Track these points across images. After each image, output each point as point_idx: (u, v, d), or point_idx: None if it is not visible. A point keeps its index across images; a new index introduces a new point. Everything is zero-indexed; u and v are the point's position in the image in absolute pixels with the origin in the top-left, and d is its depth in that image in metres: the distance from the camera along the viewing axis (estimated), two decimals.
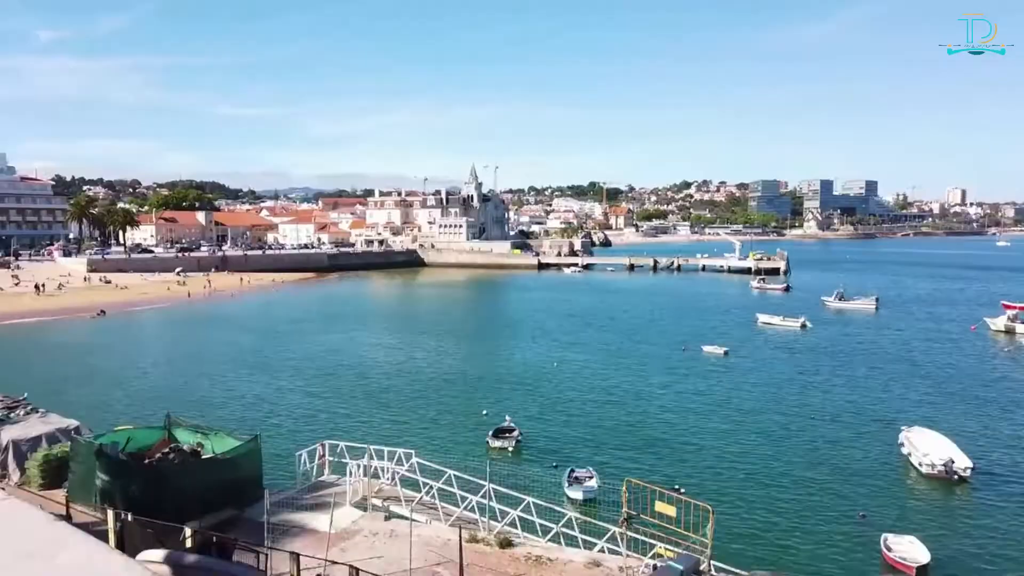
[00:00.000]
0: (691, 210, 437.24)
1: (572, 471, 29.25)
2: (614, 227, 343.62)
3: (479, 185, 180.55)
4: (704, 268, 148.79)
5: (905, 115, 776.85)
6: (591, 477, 28.59)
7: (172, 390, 44.80)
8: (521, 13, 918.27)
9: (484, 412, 39.91)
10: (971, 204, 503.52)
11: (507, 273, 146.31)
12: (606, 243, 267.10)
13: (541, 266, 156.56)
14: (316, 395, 44.25)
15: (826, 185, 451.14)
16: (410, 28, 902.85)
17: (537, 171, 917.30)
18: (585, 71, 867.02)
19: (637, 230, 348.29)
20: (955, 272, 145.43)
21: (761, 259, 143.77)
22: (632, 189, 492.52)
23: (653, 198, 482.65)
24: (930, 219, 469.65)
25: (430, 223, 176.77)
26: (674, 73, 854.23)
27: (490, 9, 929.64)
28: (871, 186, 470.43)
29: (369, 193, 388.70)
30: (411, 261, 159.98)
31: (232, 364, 53.75)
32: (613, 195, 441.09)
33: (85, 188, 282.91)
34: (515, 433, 34.86)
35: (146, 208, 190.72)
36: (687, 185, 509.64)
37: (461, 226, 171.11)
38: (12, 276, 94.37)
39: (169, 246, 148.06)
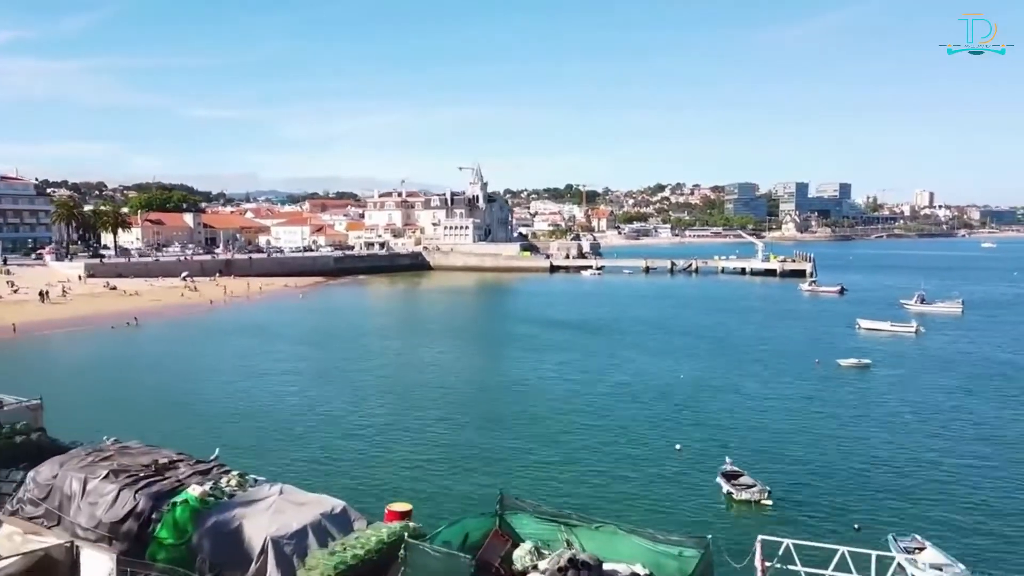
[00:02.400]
0: (670, 212, 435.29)
1: (896, 540, 22.39)
2: (596, 229, 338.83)
3: (484, 185, 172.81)
4: (723, 270, 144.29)
5: (874, 117, 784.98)
6: (923, 548, 21.85)
7: (326, 436, 35.04)
8: (496, 14, 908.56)
9: (677, 447, 33.15)
10: (939, 206, 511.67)
11: (519, 276, 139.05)
12: (596, 245, 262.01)
13: (552, 268, 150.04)
14: (464, 425, 36.91)
15: (801, 188, 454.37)
16: (385, 31, 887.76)
17: (512, 174, 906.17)
18: (559, 73, 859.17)
19: (619, 232, 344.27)
20: (972, 274, 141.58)
21: (785, 261, 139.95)
22: (608, 192, 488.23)
23: (630, 201, 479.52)
24: (901, 221, 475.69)
25: (434, 224, 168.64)
26: (650, 74, 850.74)
27: (465, 14, 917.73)
28: (845, 188, 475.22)
29: (343, 196, 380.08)
30: (416, 264, 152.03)
31: (343, 390, 45.14)
32: (591, 198, 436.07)
33: (49, 190, 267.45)
34: (744, 478, 27.66)
35: (126, 209, 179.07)
36: (661, 188, 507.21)
37: (467, 228, 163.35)
38: (8, 282, 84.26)
39: (156, 249, 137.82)
